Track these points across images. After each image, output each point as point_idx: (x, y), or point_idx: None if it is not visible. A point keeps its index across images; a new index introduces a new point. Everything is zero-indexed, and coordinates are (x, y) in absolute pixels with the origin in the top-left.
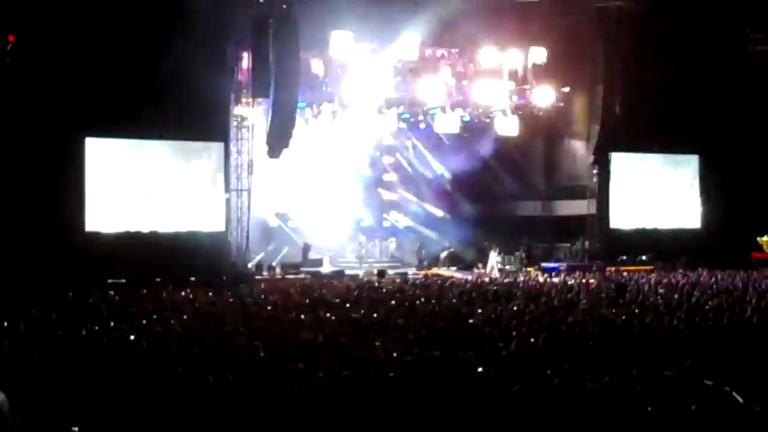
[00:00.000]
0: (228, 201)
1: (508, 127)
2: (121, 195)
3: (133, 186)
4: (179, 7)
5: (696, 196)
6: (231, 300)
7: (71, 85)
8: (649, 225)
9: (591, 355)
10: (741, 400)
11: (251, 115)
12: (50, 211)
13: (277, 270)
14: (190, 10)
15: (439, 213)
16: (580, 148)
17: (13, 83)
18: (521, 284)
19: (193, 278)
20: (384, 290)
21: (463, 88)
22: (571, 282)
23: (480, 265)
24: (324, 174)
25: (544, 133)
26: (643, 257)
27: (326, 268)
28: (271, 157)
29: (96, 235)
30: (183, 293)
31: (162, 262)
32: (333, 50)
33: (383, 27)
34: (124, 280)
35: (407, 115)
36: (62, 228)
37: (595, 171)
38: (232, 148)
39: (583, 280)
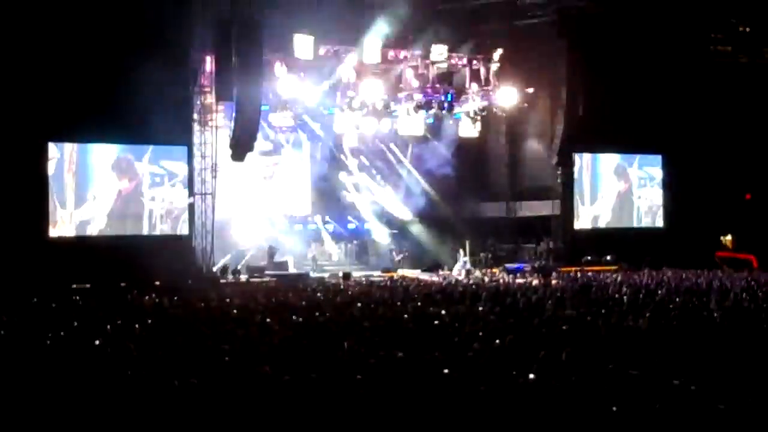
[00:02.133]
0: (192, 204)
1: (472, 128)
2: (84, 199)
3: (96, 190)
4: (141, 11)
5: (659, 196)
6: (196, 304)
7: (33, 90)
8: (613, 225)
9: (556, 356)
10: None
11: (214, 119)
12: (13, 216)
13: (242, 273)
14: (153, 13)
15: (406, 215)
16: (543, 149)
17: None
18: (486, 285)
19: (157, 282)
20: (349, 292)
21: (425, 90)
22: (535, 282)
23: (446, 267)
24: (287, 176)
25: (508, 134)
26: (608, 257)
27: (291, 271)
28: (234, 160)
29: (59, 240)
30: (148, 297)
31: (126, 267)
32: (296, 53)
33: (345, 30)
34: (88, 285)
35: (371, 117)
36: (25, 233)
37: (558, 172)
38: (196, 152)
39: (548, 281)
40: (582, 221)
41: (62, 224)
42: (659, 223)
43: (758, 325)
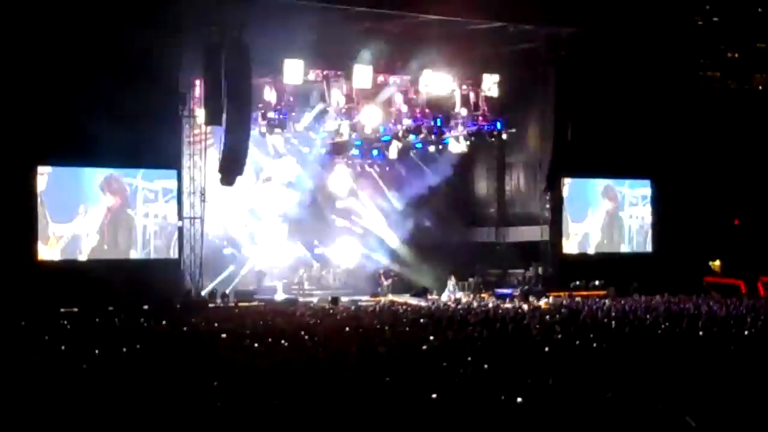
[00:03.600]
0: (181, 228)
1: (461, 153)
2: (74, 215)
3: (85, 214)
4: (131, 36)
5: (648, 221)
6: (184, 328)
7: (22, 114)
8: (601, 250)
9: (544, 380)
10: (693, 424)
11: (204, 143)
12: (1, 239)
13: (231, 298)
14: (142, 38)
15: (393, 240)
16: (532, 174)
17: None
18: (475, 310)
19: (146, 306)
20: (338, 317)
21: (415, 115)
22: (524, 308)
23: (434, 292)
24: (276, 200)
25: (497, 159)
26: (596, 282)
27: (280, 296)
28: (224, 184)
29: (47, 264)
30: (136, 322)
31: (115, 291)
32: (286, 78)
33: (336, 55)
34: (76, 309)
35: (360, 142)
36: (13, 256)
37: (547, 197)
38: (185, 176)
39: (537, 305)
40: (570, 246)
41: (52, 242)
42: (648, 247)
43: (745, 351)
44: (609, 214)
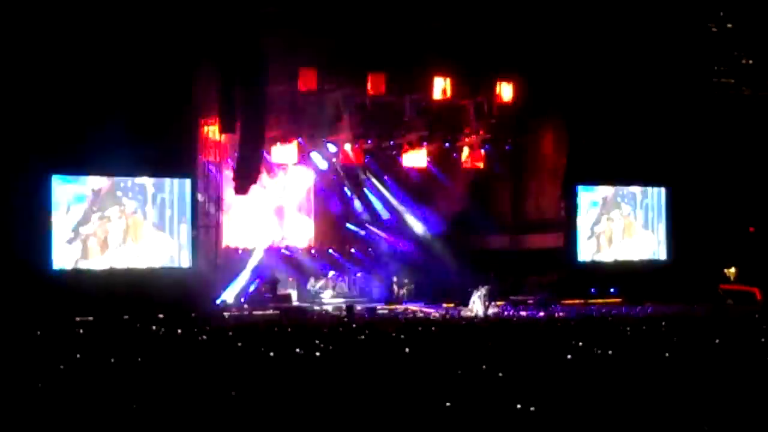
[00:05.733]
0: (196, 237)
1: (475, 161)
2: (87, 232)
3: (100, 223)
4: (144, 40)
5: (663, 229)
6: (200, 336)
7: (38, 123)
8: (617, 258)
9: (559, 388)
10: None
11: (218, 152)
12: (17, 248)
13: (245, 306)
14: (156, 43)
15: (407, 247)
16: (547, 181)
17: None
18: (490, 318)
19: (161, 315)
20: (353, 325)
21: (429, 122)
22: (539, 315)
23: (450, 299)
24: (290, 208)
25: (512, 166)
26: (611, 290)
27: (294, 303)
28: (238, 193)
29: (63, 272)
30: (151, 330)
31: (130, 299)
32: (300, 85)
33: (351, 63)
34: (91, 318)
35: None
36: (29, 265)
37: (562, 204)
38: (200, 184)
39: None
40: (586, 254)
41: (67, 251)
42: (663, 255)
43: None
44: (624, 222)
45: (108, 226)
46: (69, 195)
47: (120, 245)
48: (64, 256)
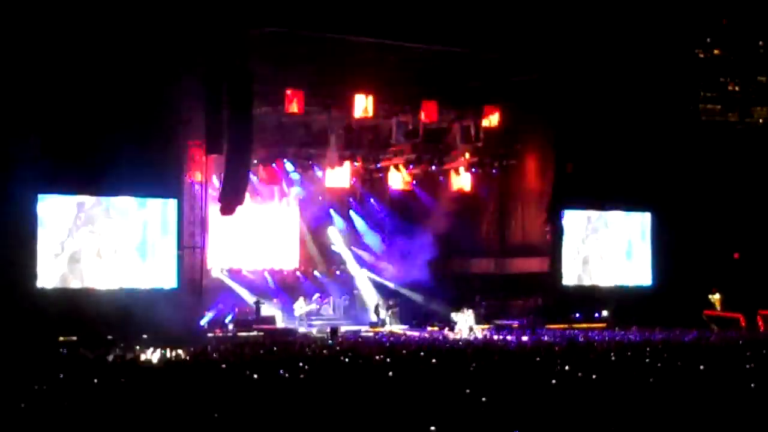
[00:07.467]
0: (180, 258)
1: (461, 184)
2: (72, 252)
3: (85, 243)
4: (132, 61)
5: (648, 254)
6: (184, 357)
7: (24, 142)
8: (602, 283)
9: (544, 412)
10: None
11: (204, 172)
12: (1, 267)
13: (230, 327)
14: (142, 65)
15: (390, 269)
16: (532, 206)
17: None
18: (474, 342)
19: (145, 336)
20: (336, 348)
21: (415, 145)
22: (524, 339)
23: (434, 322)
24: (276, 229)
25: (497, 190)
26: (596, 315)
27: (279, 326)
28: (224, 214)
29: (47, 292)
30: (134, 351)
31: (113, 320)
32: (287, 107)
33: (337, 85)
34: (75, 338)
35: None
36: (12, 285)
37: (547, 229)
38: (185, 205)
39: (537, 338)
40: (570, 278)
41: (51, 270)
42: (647, 280)
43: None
44: (609, 247)
45: (92, 246)
46: (53, 214)
47: (104, 265)
48: (47, 276)
